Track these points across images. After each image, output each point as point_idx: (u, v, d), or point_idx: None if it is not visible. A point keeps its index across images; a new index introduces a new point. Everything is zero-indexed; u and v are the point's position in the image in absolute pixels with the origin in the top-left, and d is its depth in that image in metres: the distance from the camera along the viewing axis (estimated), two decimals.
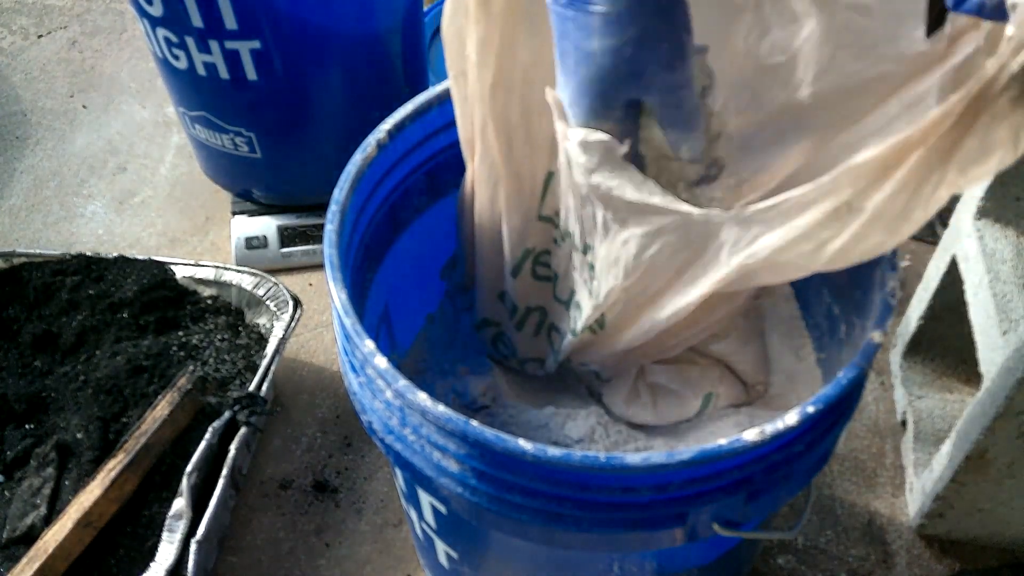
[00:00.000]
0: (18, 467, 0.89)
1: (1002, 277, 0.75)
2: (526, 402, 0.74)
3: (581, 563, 0.62)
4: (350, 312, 0.53)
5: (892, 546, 0.88)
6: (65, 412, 0.92)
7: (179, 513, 0.80)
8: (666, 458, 0.46)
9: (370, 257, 0.68)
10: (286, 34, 0.94)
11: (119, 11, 1.60)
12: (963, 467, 0.77)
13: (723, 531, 0.52)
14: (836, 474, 0.93)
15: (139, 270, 1.02)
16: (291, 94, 1.00)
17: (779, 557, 0.87)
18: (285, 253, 1.15)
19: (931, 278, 0.90)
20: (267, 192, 1.14)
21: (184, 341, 0.96)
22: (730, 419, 0.70)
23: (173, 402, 0.87)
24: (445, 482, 0.52)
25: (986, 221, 0.80)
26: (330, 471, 0.96)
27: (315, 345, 1.08)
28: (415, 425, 0.52)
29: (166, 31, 0.94)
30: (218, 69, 0.96)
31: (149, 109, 1.41)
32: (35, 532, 0.81)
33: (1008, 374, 0.68)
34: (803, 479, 0.54)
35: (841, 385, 0.49)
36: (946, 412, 0.91)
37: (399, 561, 0.88)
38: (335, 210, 0.59)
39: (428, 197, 0.73)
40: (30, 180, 1.31)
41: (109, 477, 0.82)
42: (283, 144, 1.07)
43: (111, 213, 1.26)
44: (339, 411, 1.01)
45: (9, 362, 0.98)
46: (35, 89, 1.46)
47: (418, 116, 0.66)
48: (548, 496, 0.50)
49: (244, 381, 0.94)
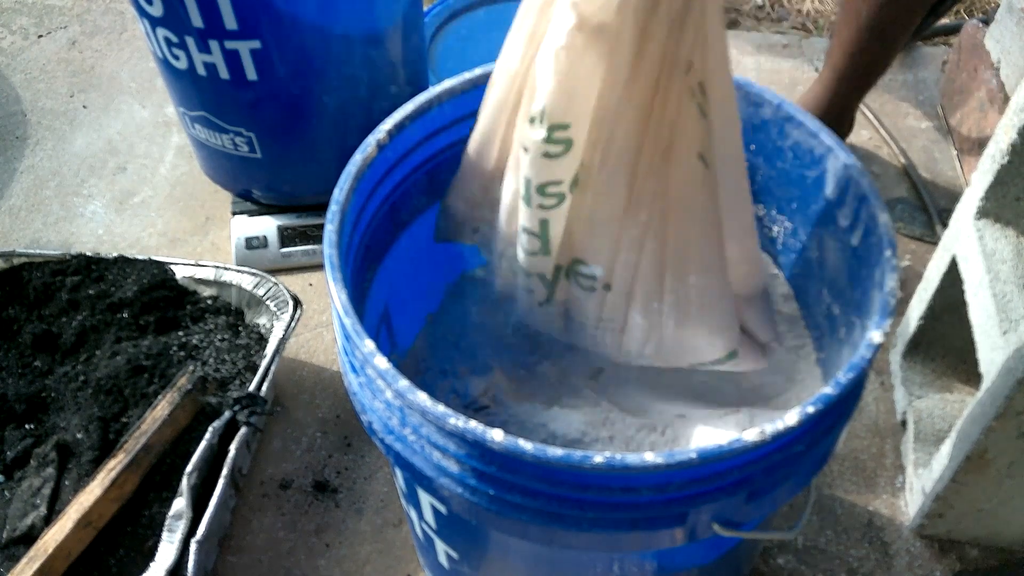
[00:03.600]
0: (18, 467, 0.89)
1: (1002, 277, 0.75)
2: (526, 401, 0.75)
3: (581, 563, 0.62)
4: (350, 312, 0.53)
5: (892, 546, 0.88)
6: (65, 412, 0.92)
7: (179, 513, 0.80)
8: (666, 458, 0.46)
9: (370, 257, 0.68)
10: (286, 34, 0.94)
11: (119, 11, 1.60)
12: (963, 467, 0.77)
13: (723, 531, 0.52)
14: (836, 474, 0.93)
15: (139, 270, 1.02)
16: (291, 94, 1.00)
17: (779, 557, 0.87)
18: (285, 253, 1.15)
19: (931, 278, 0.90)
20: (267, 192, 1.14)
21: (184, 341, 0.96)
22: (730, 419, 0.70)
23: (173, 402, 0.87)
24: (445, 482, 0.52)
25: (986, 221, 0.80)
26: (330, 471, 0.96)
27: (315, 345, 1.08)
28: (415, 425, 0.52)
29: (166, 31, 0.94)
30: (218, 69, 0.96)
31: (149, 109, 1.42)
32: (35, 532, 0.81)
33: (1008, 374, 0.68)
34: (803, 479, 0.54)
35: (841, 385, 0.49)
36: (946, 412, 0.91)
37: (399, 561, 0.88)
38: (335, 210, 0.59)
39: (428, 197, 0.73)
40: (30, 180, 1.31)
41: (109, 477, 0.82)
42: (283, 144, 1.07)
43: (111, 213, 1.26)
44: (339, 411, 1.01)
45: (9, 362, 0.98)
46: (35, 89, 1.46)
47: (418, 116, 0.66)
48: (548, 496, 0.50)
49: (244, 381, 0.94)
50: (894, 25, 1.03)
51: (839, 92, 1.12)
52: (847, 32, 1.06)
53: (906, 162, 1.25)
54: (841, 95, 1.13)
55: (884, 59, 1.08)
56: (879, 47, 1.06)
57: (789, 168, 0.67)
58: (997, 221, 0.79)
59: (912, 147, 1.28)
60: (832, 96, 1.13)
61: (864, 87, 1.13)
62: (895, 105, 1.34)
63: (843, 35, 1.07)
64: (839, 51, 1.09)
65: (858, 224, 0.60)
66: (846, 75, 1.10)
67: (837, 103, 1.13)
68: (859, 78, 1.11)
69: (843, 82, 1.11)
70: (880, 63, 1.09)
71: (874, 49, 1.06)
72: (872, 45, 1.05)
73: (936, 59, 1.41)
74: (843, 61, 1.09)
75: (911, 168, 1.24)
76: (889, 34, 1.04)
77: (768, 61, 1.44)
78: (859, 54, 1.07)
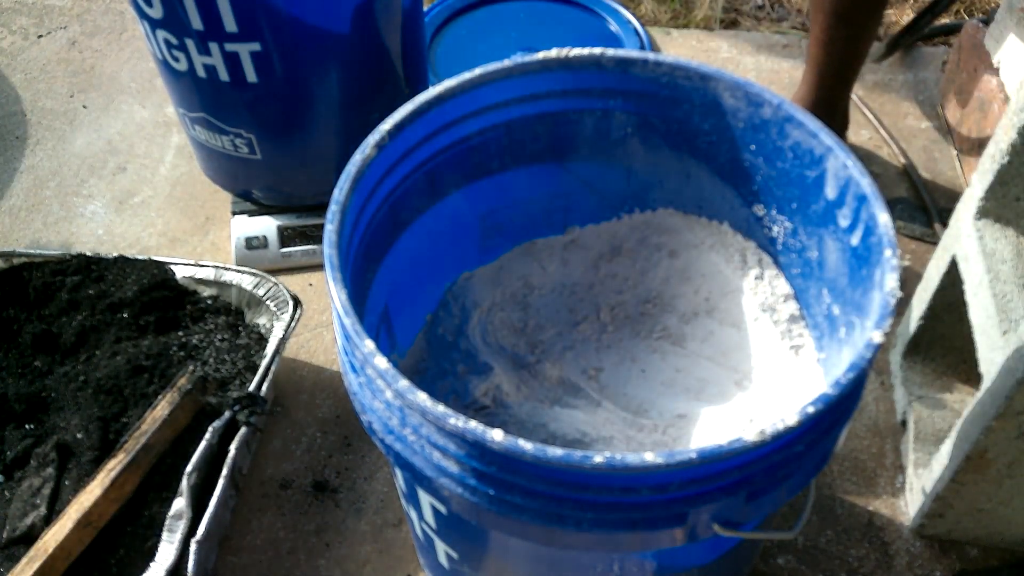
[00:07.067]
0: (18, 467, 0.89)
1: (1002, 277, 0.75)
2: (526, 401, 0.75)
3: (581, 563, 0.62)
4: (350, 312, 0.53)
5: (892, 546, 0.88)
6: (65, 412, 0.92)
7: (179, 513, 0.80)
8: (666, 458, 0.46)
9: (370, 257, 0.68)
10: (286, 36, 0.94)
11: (119, 11, 1.60)
12: (963, 467, 0.77)
13: (723, 531, 0.52)
14: (836, 474, 0.93)
15: (139, 270, 1.02)
16: (291, 96, 1.00)
17: (779, 557, 0.87)
18: (285, 253, 1.15)
19: (931, 278, 0.90)
20: (267, 193, 1.14)
21: (184, 341, 0.96)
22: (730, 419, 0.70)
23: (173, 402, 0.87)
24: (445, 482, 0.52)
25: (986, 221, 0.80)
26: (330, 471, 0.96)
27: (315, 345, 1.08)
28: (415, 425, 0.52)
29: (166, 33, 0.94)
30: (218, 71, 0.96)
31: (149, 109, 1.41)
32: (35, 532, 0.81)
33: (1008, 374, 0.68)
34: (803, 479, 0.54)
35: (841, 385, 0.49)
36: (946, 412, 0.91)
37: (399, 561, 0.88)
38: (335, 210, 0.59)
39: (428, 197, 0.73)
40: (30, 180, 1.31)
41: (109, 477, 0.82)
42: (283, 145, 1.07)
43: (111, 213, 1.26)
44: (339, 411, 1.01)
45: (9, 362, 0.98)
46: (35, 89, 1.46)
47: (418, 116, 0.66)
48: (548, 496, 0.50)
49: (244, 381, 0.94)
50: (859, 11, 1.04)
51: (822, 86, 1.13)
52: (818, 24, 1.08)
53: (906, 162, 1.25)
54: (825, 88, 1.13)
55: (857, 47, 1.09)
56: (849, 34, 1.07)
57: (789, 168, 0.67)
58: (997, 221, 0.79)
59: (912, 147, 1.28)
60: (817, 91, 1.13)
61: (846, 78, 1.13)
62: (895, 105, 1.34)
63: (815, 27, 1.08)
64: (814, 44, 1.10)
65: (858, 224, 0.60)
66: (825, 68, 1.11)
67: (823, 97, 1.14)
68: (837, 69, 1.11)
69: (824, 76, 1.12)
70: (854, 51, 1.09)
71: (844, 36, 1.07)
72: (841, 32, 1.06)
73: (936, 59, 1.41)
74: (819, 53, 1.10)
75: (911, 168, 1.24)
76: (856, 20, 1.05)
77: (768, 61, 1.44)
78: (831, 43, 1.08)
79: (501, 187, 0.77)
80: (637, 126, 0.74)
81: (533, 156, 0.76)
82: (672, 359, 0.77)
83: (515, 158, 0.76)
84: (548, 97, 0.72)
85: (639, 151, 0.76)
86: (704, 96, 0.69)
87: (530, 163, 0.77)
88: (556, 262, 0.83)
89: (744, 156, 0.71)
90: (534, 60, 0.69)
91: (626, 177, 0.79)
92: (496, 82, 0.69)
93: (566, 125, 0.74)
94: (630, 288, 0.81)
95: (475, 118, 0.70)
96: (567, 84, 0.71)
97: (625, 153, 0.77)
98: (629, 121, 0.74)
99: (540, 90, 0.71)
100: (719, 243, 0.78)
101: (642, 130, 0.74)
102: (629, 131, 0.75)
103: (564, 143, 0.76)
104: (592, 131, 0.75)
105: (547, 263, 0.83)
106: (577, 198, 0.81)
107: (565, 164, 0.78)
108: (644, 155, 0.76)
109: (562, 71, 0.70)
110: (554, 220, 0.83)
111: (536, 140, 0.75)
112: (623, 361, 0.78)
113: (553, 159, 0.77)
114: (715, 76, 0.67)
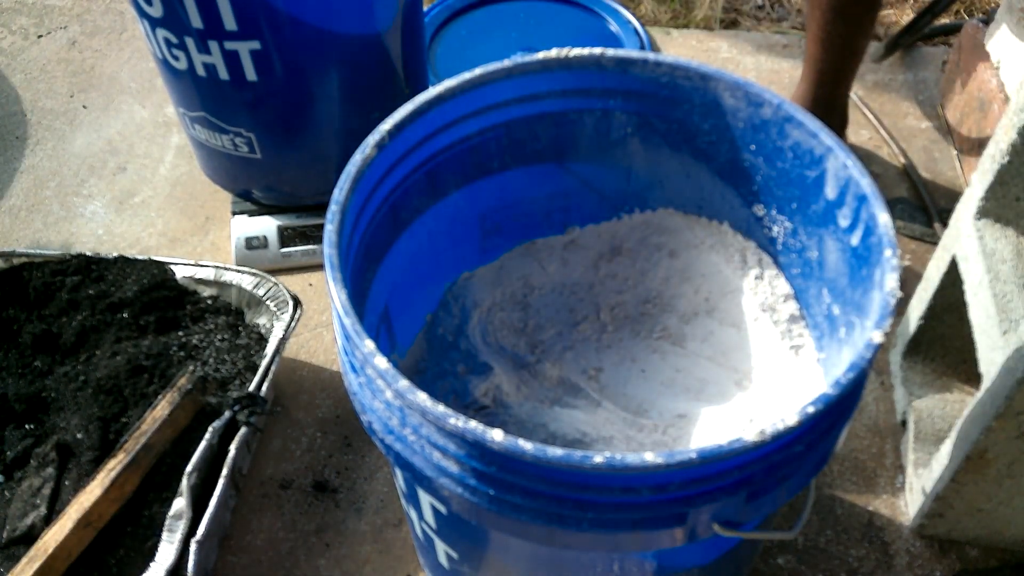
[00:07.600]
0: (18, 467, 0.89)
1: (1002, 277, 0.75)
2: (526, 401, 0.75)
3: (581, 563, 0.62)
4: (350, 312, 0.53)
5: (892, 546, 0.88)
6: (65, 412, 0.92)
7: (179, 513, 0.80)
8: (666, 458, 0.46)
9: (370, 257, 0.68)
10: (286, 35, 0.94)
11: (119, 11, 1.60)
12: (963, 467, 0.77)
13: (723, 531, 0.52)
14: (836, 474, 0.93)
15: (139, 270, 1.02)
16: (291, 95, 1.00)
17: (779, 557, 0.87)
18: (285, 253, 1.15)
19: (931, 278, 0.90)
20: (267, 192, 1.14)
21: (184, 341, 0.96)
22: (730, 419, 0.70)
23: (173, 402, 0.87)
24: (445, 482, 0.52)
25: (986, 221, 0.80)
26: (330, 471, 0.96)
27: (315, 345, 1.08)
28: (415, 425, 0.52)
29: (166, 32, 0.94)
30: (218, 70, 0.96)
31: (149, 109, 1.41)
32: (35, 532, 0.81)
33: (1008, 374, 0.68)
34: (803, 479, 0.54)
35: (841, 385, 0.49)
36: (946, 412, 0.91)
37: (399, 561, 0.88)
38: (335, 210, 0.59)
39: (428, 197, 0.73)
40: (30, 180, 1.31)
41: (109, 477, 0.82)
42: (283, 145, 1.07)
43: (111, 213, 1.26)
44: (339, 411, 1.01)
45: (9, 362, 0.98)
46: (35, 89, 1.46)
47: (418, 116, 0.66)
48: (548, 496, 0.50)
49: (244, 381, 0.94)
50: (856, 5, 1.04)
51: (820, 83, 1.13)
52: (815, 21, 1.07)
53: (906, 162, 1.25)
54: (823, 86, 1.13)
55: (854, 43, 1.09)
56: (846, 30, 1.06)
57: (789, 168, 0.67)
58: (997, 221, 0.79)
59: (912, 147, 1.28)
60: (815, 89, 1.13)
61: (844, 76, 1.13)
62: (895, 105, 1.34)
63: (812, 25, 1.08)
64: (812, 42, 1.10)
65: (858, 224, 0.60)
66: (823, 66, 1.11)
67: (822, 95, 1.13)
68: (836, 66, 1.11)
69: (822, 73, 1.11)
70: (852, 48, 1.09)
71: (842, 33, 1.07)
72: (839, 28, 1.06)
73: (936, 59, 1.41)
74: (817, 51, 1.10)
75: (911, 168, 1.24)
76: (852, 15, 1.05)
77: (768, 61, 1.44)
78: (828, 40, 1.07)
79: (501, 187, 0.77)
80: (637, 126, 0.74)
81: (533, 156, 0.76)
82: (672, 359, 0.77)
83: (515, 158, 0.76)
84: (548, 97, 0.72)
85: (639, 151, 0.76)
86: (704, 96, 0.69)
87: (530, 163, 0.77)
88: (556, 262, 0.83)
89: (744, 156, 0.71)
90: (534, 60, 0.69)
91: (626, 177, 0.79)
92: (496, 82, 0.69)
93: (566, 125, 0.74)
94: (630, 288, 0.81)
95: (475, 118, 0.70)
96: (567, 84, 0.71)
97: (625, 153, 0.77)
98: (629, 121, 0.74)
99: (540, 90, 0.71)
100: (719, 243, 0.78)
101: (642, 130, 0.74)
102: (629, 131, 0.75)
103: (564, 143, 0.76)
104: (592, 131, 0.75)
105: (547, 263, 0.83)
106: (577, 198, 0.81)
107: (565, 164, 0.78)
108: (644, 155, 0.76)
109: (562, 71, 0.70)
110: (554, 220, 0.83)
111: (536, 140, 0.75)
112: (623, 361, 0.78)
113: (553, 159, 0.77)
114: (715, 76, 0.67)
